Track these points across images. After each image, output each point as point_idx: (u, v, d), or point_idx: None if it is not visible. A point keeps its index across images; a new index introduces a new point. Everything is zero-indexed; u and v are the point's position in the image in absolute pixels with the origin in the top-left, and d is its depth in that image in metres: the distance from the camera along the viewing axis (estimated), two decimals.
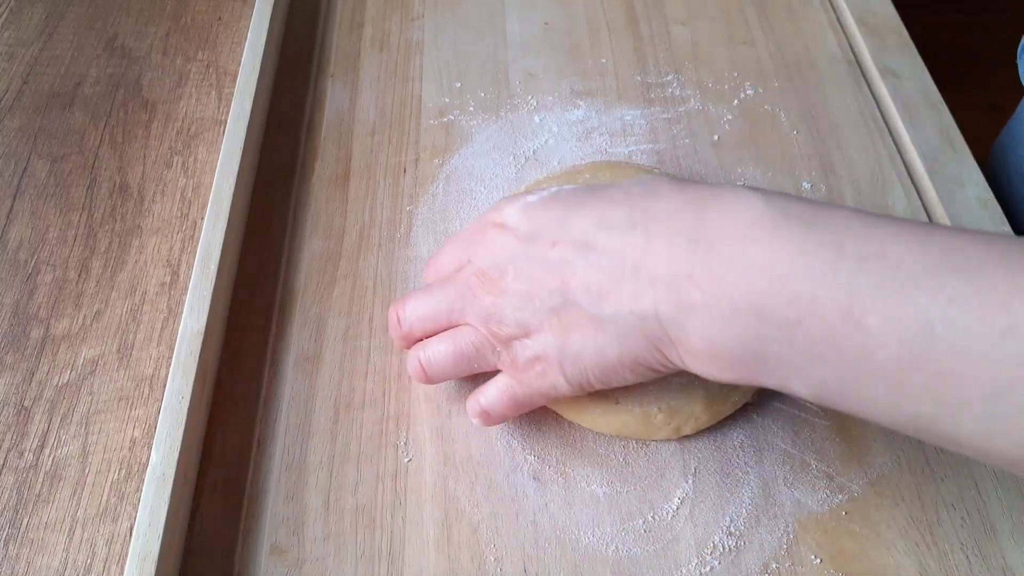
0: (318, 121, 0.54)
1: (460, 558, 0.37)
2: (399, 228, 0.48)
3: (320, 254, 0.47)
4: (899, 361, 0.25)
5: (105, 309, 0.45)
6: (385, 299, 0.45)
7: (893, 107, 0.54)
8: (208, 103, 0.55)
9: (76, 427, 0.41)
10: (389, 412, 0.41)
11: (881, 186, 0.50)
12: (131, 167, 0.52)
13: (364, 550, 0.37)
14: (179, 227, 0.49)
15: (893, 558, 0.37)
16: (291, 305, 0.45)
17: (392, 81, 0.56)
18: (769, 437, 0.40)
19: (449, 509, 0.38)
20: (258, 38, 0.54)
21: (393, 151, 0.52)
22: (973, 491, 0.39)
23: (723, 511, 0.38)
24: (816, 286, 0.26)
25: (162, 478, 0.36)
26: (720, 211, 0.29)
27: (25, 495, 0.39)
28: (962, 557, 0.37)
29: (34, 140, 0.53)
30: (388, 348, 0.43)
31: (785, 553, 0.37)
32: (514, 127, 0.54)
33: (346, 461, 0.40)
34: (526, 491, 0.39)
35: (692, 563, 0.36)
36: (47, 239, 0.48)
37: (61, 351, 0.43)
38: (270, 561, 0.37)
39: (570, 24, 0.60)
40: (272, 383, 0.42)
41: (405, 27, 0.60)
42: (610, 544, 0.37)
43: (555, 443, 0.40)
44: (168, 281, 0.46)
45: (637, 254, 0.30)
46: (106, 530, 0.38)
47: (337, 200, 0.50)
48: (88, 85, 0.56)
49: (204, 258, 0.43)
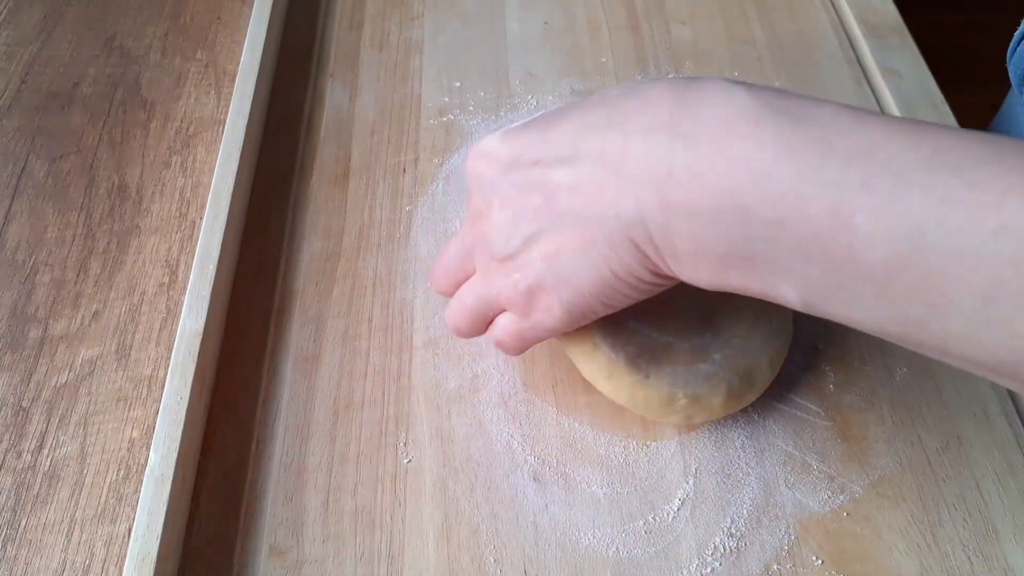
0: (317, 121, 0.54)
1: (460, 559, 0.37)
2: (398, 228, 0.48)
3: (319, 254, 0.47)
4: (887, 262, 0.24)
5: (103, 309, 0.45)
6: (384, 300, 0.45)
7: (894, 106, 0.54)
8: (207, 103, 0.55)
9: (74, 428, 0.41)
10: (388, 413, 0.41)
11: None
12: (130, 167, 0.52)
13: (363, 551, 0.37)
14: (178, 227, 0.49)
15: (894, 559, 0.37)
16: (290, 305, 0.45)
17: (392, 80, 0.56)
18: (770, 438, 0.40)
19: (449, 510, 0.38)
20: (257, 38, 0.53)
21: (392, 151, 0.52)
22: (975, 491, 0.39)
23: (724, 512, 0.38)
24: (802, 183, 0.25)
25: (161, 479, 0.36)
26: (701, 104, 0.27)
27: (23, 496, 0.39)
28: (964, 558, 0.37)
29: (32, 140, 0.53)
30: (387, 348, 0.43)
31: (786, 554, 0.37)
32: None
33: (345, 462, 0.39)
34: (526, 492, 0.38)
35: (693, 564, 0.36)
36: (45, 239, 0.48)
37: (59, 351, 0.43)
38: (269, 562, 0.37)
39: (570, 23, 0.60)
40: (271, 384, 0.42)
41: (405, 26, 0.60)
42: (610, 545, 0.37)
43: (555, 444, 0.40)
44: (167, 281, 0.46)
45: (617, 154, 0.29)
46: (104, 531, 0.38)
47: (336, 200, 0.50)
48: (87, 85, 0.56)
49: (203, 258, 0.43)
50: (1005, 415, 0.41)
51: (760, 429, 0.40)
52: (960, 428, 0.41)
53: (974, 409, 0.41)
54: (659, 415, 0.38)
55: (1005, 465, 0.39)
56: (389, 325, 0.44)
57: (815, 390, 0.42)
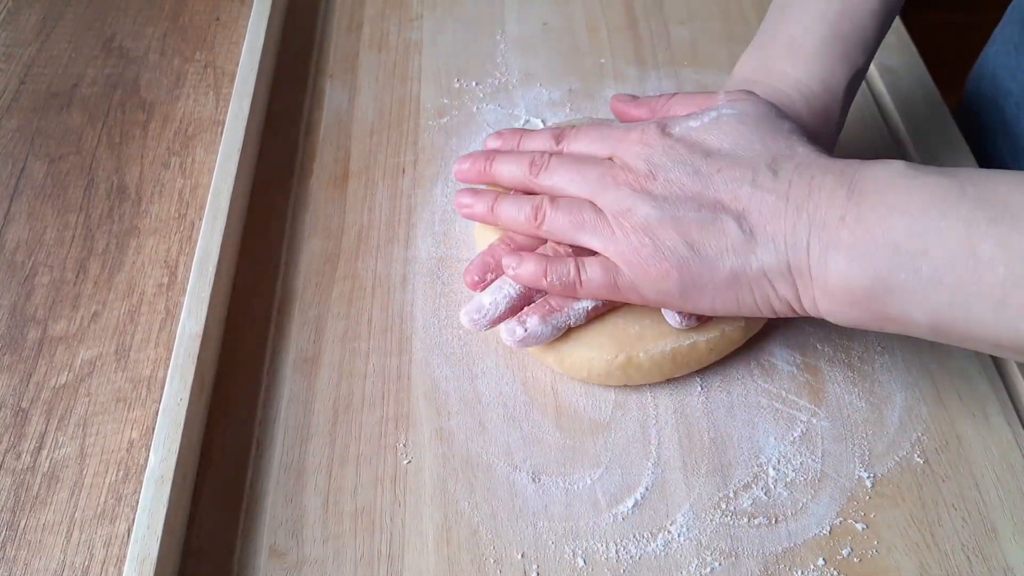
0: (316, 122, 0.54)
1: (460, 560, 0.37)
2: (398, 229, 0.48)
3: (319, 255, 0.47)
4: (1004, 282, 0.30)
5: (103, 310, 0.45)
6: (383, 300, 0.45)
7: (891, 105, 0.54)
8: (206, 103, 0.55)
9: (74, 429, 0.41)
10: (388, 414, 0.41)
11: None
12: (129, 168, 0.52)
13: (363, 552, 0.37)
14: (177, 228, 0.49)
15: (894, 559, 0.37)
16: (289, 306, 0.45)
17: (391, 81, 0.56)
18: (768, 438, 0.40)
19: (448, 511, 0.38)
20: (256, 38, 0.53)
21: (392, 152, 0.52)
22: (974, 491, 0.39)
23: (724, 512, 0.38)
24: (941, 219, 0.31)
25: (160, 480, 0.36)
26: (870, 168, 0.34)
27: (23, 497, 0.39)
28: (963, 558, 0.37)
29: (31, 141, 0.53)
30: (387, 350, 0.43)
31: (786, 555, 0.37)
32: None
33: (345, 463, 0.39)
34: (525, 493, 0.38)
35: (692, 564, 0.36)
36: (44, 240, 0.48)
37: (59, 352, 0.43)
38: (269, 563, 0.37)
39: (569, 24, 0.60)
40: (271, 385, 0.42)
41: (404, 27, 0.60)
42: (610, 545, 0.37)
43: (554, 445, 0.40)
44: (166, 282, 0.46)
45: (801, 198, 0.35)
46: (104, 532, 0.38)
47: (336, 201, 0.50)
48: (86, 85, 0.56)
49: (202, 259, 0.43)
50: (1004, 415, 0.41)
51: (758, 430, 0.40)
52: (959, 428, 0.41)
53: (973, 410, 0.41)
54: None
55: (1004, 465, 0.39)
56: (389, 326, 0.44)
57: (813, 390, 0.42)
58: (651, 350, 0.40)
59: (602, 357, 0.40)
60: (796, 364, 0.43)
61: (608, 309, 0.41)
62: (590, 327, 0.40)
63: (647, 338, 0.40)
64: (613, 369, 0.40)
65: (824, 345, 0.43)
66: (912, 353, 0.43)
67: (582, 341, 0.40)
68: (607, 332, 0.40)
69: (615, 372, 0.40)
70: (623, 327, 0.40)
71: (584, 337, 0.40)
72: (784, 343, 0.43)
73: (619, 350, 0.40)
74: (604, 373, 0.40)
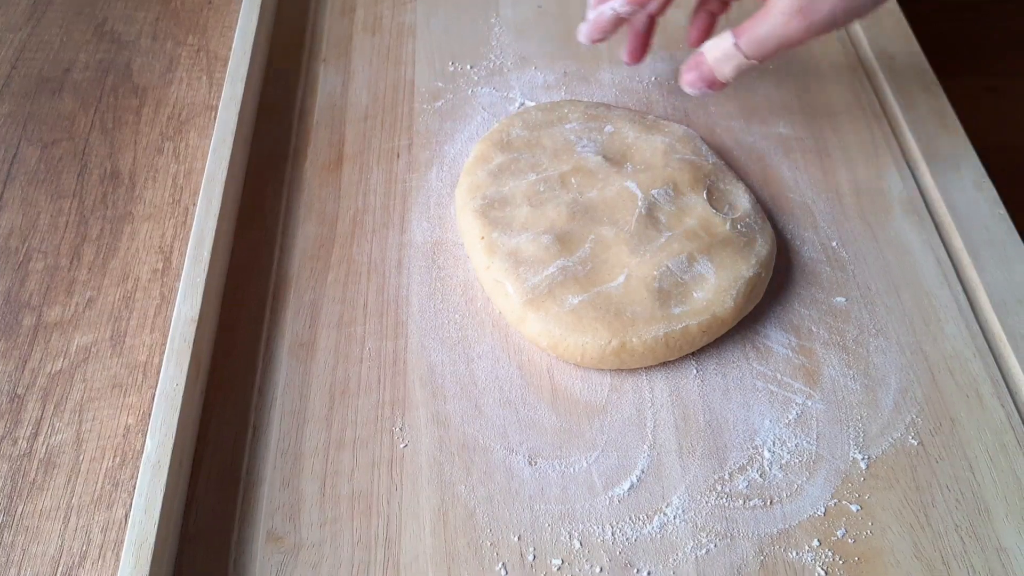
0: (310, 106, 0.54)
1: (456, 543, 0.37)
2: (393, 213, 0.48)
3: (313, 240, 0.47)
4: None
5: (97, 296, 0.45)
6: (379, 285, 0.45)
7: (888, 90, 0.54)
8: (199, 88, 0.55)
9: (70, 415, 0.41)
10: (384, 398, 0.41)
11: (876, 168, 0.50)
12: (122, 153, 0.51)
13: (360, 536, 0.37)
14: (171, 213, 0.48)
15: (888, 540, 0.37)
16: (285, 291, 0.45)
17: (385, 65, 0.56)
18: (763, 420, 0.40)
19: (445, 494, 0.38)
20: (249, 22, 0.53)
21: (386, 136, 0.52)
22: (967, 472, 0.39)
23: (720, 492, 0.38)
24: None
25: (157, 465, 0.36)
26: None
27: (19, 483, 0.39)
28: (956, 538, 0.37)
29: (24, 126, 0.52)
30: (383, 334, 0.43)
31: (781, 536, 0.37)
32: (507, 111, 0.53)
33: (342, 447, 0.39)
34: (522, 476, 0.39)
35: (688, 546, 0.37)
36: (38, 226, 0.48)
37: (54, 338, 0.43)
38: (266, 548, 0.37)
39: (563, 7, 0.60)
40: (267, 370, 0.42)
41: (397, 10, 0.60)
42: (606, 527, 0.37)
43: (551, 428, 0.40)
44: (160, 268, 0.46)
45: None
46: (101, 517, 0.38)
47: (330, 186, 0.49)
48: (78, 70, 0.56)
49: (197, 244, 0.43)
50: (998, 397, 0.41)
51: (753, 412, 0.41)
52: (953, 410, 0.41)
53: (967, 391, 0.41)
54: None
55: (997, 446, 0.40)
56: (384, 310, 0.44)
57: (808, 372, 0.42)
58: (644, 335, 0.40)
59: (595, 343, 0.40)
60: (791, 347, 0.43)
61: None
62: (583, 312, 0.40)
63: (640, 323, 0.40)
64: (607, 354, 0.40)
65: (819, 328, 0.43)
66: (907, 335, 0.43)
67: (576, 327, 0.40)
68: (600, 318, 0.40)
69: (609, 357, 0.40)
70: (616, 312, 0.40)
71: (578, 323, 0.40)
72: (779, 326, 0.44)
73: (612, 335, 0.40)
74: (598, 358, 0.40)
